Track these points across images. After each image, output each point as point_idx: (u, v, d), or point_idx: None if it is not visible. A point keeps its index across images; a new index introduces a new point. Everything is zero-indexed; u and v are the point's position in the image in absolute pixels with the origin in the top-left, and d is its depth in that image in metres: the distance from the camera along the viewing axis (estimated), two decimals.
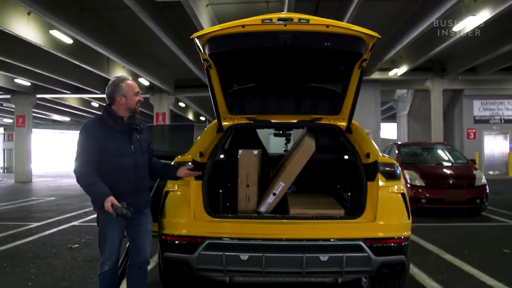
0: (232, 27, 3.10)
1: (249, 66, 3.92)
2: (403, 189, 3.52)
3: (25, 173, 21.56)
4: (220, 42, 3.25)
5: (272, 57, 3.63)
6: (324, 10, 11.83)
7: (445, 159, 10.07)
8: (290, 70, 3.96)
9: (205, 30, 3.19)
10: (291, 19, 3.06)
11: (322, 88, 4.30)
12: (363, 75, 3.60)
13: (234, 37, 3.19)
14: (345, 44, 3.25)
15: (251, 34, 3.18)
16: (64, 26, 11.00)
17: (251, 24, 3.09)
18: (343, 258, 3.18)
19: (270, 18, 3.06)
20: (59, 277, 4.78)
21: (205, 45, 3.27)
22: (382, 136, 21.56)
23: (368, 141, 3.91)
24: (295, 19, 3.05)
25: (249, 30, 3.13)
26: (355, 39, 3.17)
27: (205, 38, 3.20)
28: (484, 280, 4.53)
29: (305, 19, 3.05)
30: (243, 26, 3.09)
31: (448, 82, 19.77)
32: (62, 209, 10.52)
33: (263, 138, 5.04)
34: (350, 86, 3.83)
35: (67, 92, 21.20)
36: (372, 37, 3.12)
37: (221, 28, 3.14)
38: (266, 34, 3.17)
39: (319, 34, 3.15)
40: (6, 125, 37.47)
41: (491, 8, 10.72)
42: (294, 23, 3.06)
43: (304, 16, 3.09)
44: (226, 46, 3.32)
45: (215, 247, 3.29)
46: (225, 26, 3.12)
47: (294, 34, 3.13)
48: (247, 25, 3.09)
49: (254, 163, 3.83)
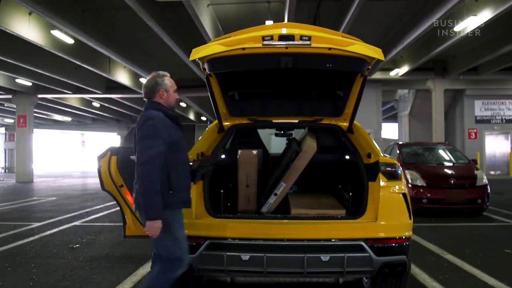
0: (232, 50, 3.06)
1: (250, 78, 3.93)
2: (404, 189, 3.52)
3: (26, 173, 21.58)
4: (220, 62, 3.26)
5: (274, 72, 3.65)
6: (325, 10, 11.83)
7: (446, 159, 10.06)
8: (292, 81, 3.98)
9: (204, 52, 3.13)
10: (293, 36, 2.99)
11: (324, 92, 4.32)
12: (365, 81, 3.61)
13: (234, 58, 3.17)
14: (347, 65, 3.27)
15: (252, 56, 3.17)
16: (65, 26, 11.02)
17: (251, 47, 3.05)
18: (345, 258, 3.18)
19: (271, 35, 3.01)
20: (60, 277, 4.78)
21: (205, 64, 3.29)
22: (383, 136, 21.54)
23: (369, 141, 3.91)
24: (297, 37, 2.98)
25: (249, 52, 3.10)
26: (358, 59, 3.15)
27: (204, 59, 3.20)
28: (486, 280, 4.52)
29: (307, 36, 2.99)
30: (243, 49, 3.06)
31: (449, 82, 19.75)
32: (63, 209, 10.53)
33: (264, 138, 5.04)
34: (353, 90, 3.85)
35: (68, 92, 21.22)
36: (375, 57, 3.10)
37: (221, 50, 3.09)
38: (267, 56, 3.16)
39: (321, 56, 3.14)
40: (8, 125, 37.49)
41: (492, 8, 10.71)
42: (295, 45, 3.01)
43: (306, 32, 3.04)
44: (226, 67, 3.36)
45: (216, 247, 3.30)
46: (225, 48, 3.07)
47: (296, 57, 3.11)
48: (248, 47, 3.06)
49: (253, 163, 3.83)
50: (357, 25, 11.77)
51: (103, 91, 21.38)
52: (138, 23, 11.45)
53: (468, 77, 19.45)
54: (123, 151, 3.73)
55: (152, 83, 3.12)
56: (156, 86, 3.11)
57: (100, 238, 6.92)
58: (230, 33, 3.35)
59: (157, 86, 3.11)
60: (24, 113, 21.77)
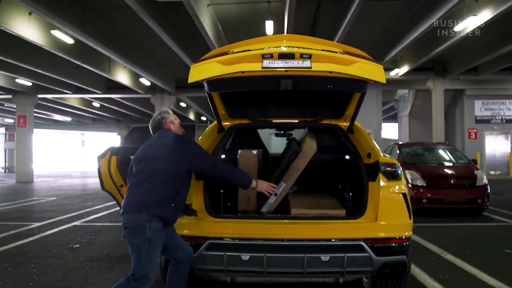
0: (231, 73, 3.06)
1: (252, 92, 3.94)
2: (404, 189, 3.52)
3: (26, 173, 21.58)
4: (220, 83, 3.30)
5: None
6: (325, 10, 11.83)
7: (446, 159, 10.05)
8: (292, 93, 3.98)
9: (203, 74, 3.11)
10: (293, 55, 2.98)
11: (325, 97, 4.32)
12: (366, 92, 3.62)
13: (233, 80, 3.19)
14: (348, 86, 3.31)
15: (251, 79, 3.20)
16: (65, 26, 11.01)
17: (251, 70, 3.05)
18: (345, 258, 3.18)
19: (270, 54, 2.99)
20: (60, 277, 4.78)
21: (205, 83, 3.31)
22: (383, 136, 21.54)
23: (369, 141, 3.91)
24: (297, 55, 2.97)
25: (248, 75, 3.12)
26: (358, 81, 3.15)
27: (204, 80, 3.21)
28: (485, 280, 4.53)
29: (307, 55, 2.98)
30: (242, 72, 3.06)
31: (449, 82, 19.75)
32: (63, 209, 10.53)
33: (264, 138, 5.04)
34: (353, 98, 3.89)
35: (68, 92, 21.23)
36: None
37: (219, 74, 3.07)
38: (267, 78, 3.19)
39: (321, 78, 3.15)
40: (8, 125, 37.51)
41: (492, 8, 10.71)
42: (295, 69, 2.99)
43: (306, 50, 3.01)
44: (226, 88, 3.45)
45: (216, 247, 3.30)
46: (223, 72, 3.06)
47: (296, 79, 3.13)
48: (247, 71, 3.06)
49: (253, 163, 3.83)
50: (357, 25, 11.77)
51: (103, 91, 21.39)
52: (138, 23, 11.45)
53: (468, 77, 19.45)
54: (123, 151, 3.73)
55: (159, 117, 3.39)
56: (162, 119, 3.38)
57: (100, 238, 6.92)
58: (230, 46, 3.34)
59: (163, 119, 3.38)
60: (24, 113, 21.77)
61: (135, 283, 2.96)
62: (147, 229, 2.93)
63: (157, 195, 3.01)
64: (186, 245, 3.29)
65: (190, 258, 3.27)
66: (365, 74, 3.02)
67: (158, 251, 3.05)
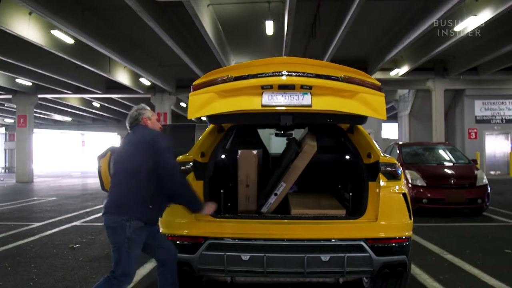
0: (232, 111, 3.17)
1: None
2: (405, 189, 3.52)
3: (26, 173, 21.58)
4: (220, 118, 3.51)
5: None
6: (325, 10, 11.81)
7: (447, 159, 10.05)
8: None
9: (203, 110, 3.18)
10: (293, 86, 3.01)
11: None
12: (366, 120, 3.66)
13: (234, 116, 3.34)
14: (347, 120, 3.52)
15: (252, 115, 3.33)
16: (66, 26, 11.00)
17: (251, 109, 3.15)
18: (345, 258, 3.18)
19: (270, 85, 3.03)
20: (60, 277, 4.78)
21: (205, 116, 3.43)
22: (383, 136, 21.57)
23: (369, 141, 3.91)
24: (297, 87, 3.01)
25: (249, 111, 3.22)
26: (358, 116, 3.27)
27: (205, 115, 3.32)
28: (486, 280, 4.53)
29: (308, 86, 3.01)
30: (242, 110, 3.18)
31: (449, 82, 19.74)
32: (63, 209, 10.53)
33: (264, 138, 5.04)
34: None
35: (68, 92, 21.23)
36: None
37: (218, 112, 3.20)
38: (267, 115, 3.31)
39: (322, 114, 3.24)
40: (8, 125, 37.52)
41: (492, 8, 10.70)
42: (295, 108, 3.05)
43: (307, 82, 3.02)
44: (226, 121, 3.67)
45: (216, 247, 3.30)
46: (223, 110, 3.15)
47: (295, 115, 3.25)
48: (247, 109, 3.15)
49: (253, 163, 3.83)
50: (357, 25, 11.76)
51: (103, 91, 21.38)
52: (138, 23, 11.44)
53: (468, 77, 19.44)
54: None
55: (135, 113, 3.37)
56: (139, 115, 3.36)
57: (100, 238, 6.92)
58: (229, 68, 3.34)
59: (139, 115, 3.36)
60: (24, 113, 21.78)
61: (115, 281, 3.03)
62: (127, 228, 3.00)
63: (134, 197, 3.06)
64: (168, 245, 3.31)
65: (172, 259, 3.29)
66: (366, 110, 3.09)
67: (138, 249, 3.11)
